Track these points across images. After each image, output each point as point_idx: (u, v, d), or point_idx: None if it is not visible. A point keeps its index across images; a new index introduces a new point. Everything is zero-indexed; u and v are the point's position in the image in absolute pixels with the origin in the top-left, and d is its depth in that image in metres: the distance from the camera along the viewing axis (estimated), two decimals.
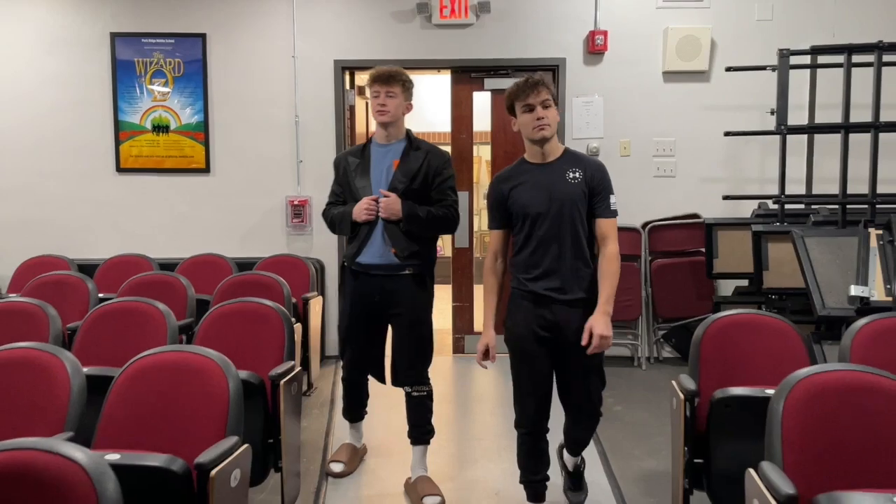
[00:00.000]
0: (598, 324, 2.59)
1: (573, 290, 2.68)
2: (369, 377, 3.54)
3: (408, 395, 3.29)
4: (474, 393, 4.95)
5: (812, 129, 4.29)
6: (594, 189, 2.69)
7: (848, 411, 2.06)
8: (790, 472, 1.99)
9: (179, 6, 5.49)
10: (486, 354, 2.81)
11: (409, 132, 3.27)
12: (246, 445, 2.31)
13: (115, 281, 4.70)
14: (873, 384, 2.11)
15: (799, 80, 4.78)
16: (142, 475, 1.99)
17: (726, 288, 5.31)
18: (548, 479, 2.87)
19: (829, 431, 2.05)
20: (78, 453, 1.61)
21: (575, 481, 3.12)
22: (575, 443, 2.97)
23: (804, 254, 3.81)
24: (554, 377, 2.79)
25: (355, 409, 3.57)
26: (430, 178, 3.17)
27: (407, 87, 3.21)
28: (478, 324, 5.79)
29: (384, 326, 3.34)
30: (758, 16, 5.36)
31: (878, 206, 3.90)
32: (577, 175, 2.68)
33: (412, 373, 3.26)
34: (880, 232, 3.73)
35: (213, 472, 2.06)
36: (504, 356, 2.85)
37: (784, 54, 4.13)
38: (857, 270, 3.69)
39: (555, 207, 2.67)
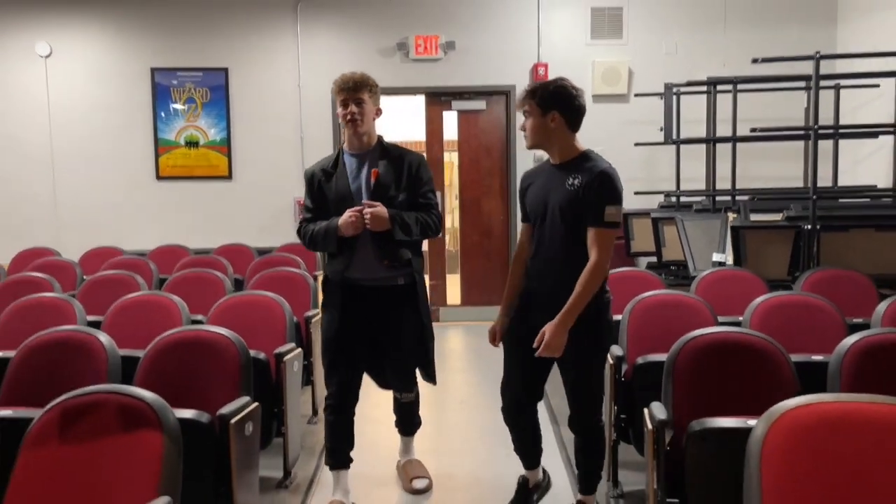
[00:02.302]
0: (549, 329, 2.51)
1: (561, 297, 2.55)
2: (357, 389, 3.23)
3: (396, 399, 3.35)
4: (448, 348, 6.34)
5: (691, 141, 5.71)
6: (586, 198, 2.56)
7: (659, 314, 3.48)
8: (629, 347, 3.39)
9: (207, 46, 6.85)
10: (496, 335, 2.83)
11: (380, 138, 3.11)
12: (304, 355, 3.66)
13: (164, 265, 5.99)
14: (681, 300, 3.55)
15: (701, 100, 6.23)
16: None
17: (642, 264, 6.73)
18: (541, 451, 2.95)
19: (650, 322, 3.46)
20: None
21: None
22: (583, 469, 2.81)
23: (683, 232, 5.23)
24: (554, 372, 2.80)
25: (340, 446, 3.10)
26: (411, 183, 3.05)
27: (374, 91, 3.02)
28: (451, 298, 7.20)
29: (377, 345, 3.12)
30: (665, 51, 6.83)
31: (736, 196, 5.32)
32: (575, 182, 2.58)
33: (402, 385, 3.26)
34: (736, 215, 5.17)
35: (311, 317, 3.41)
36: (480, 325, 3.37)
37: (668, 87, 5.57)
38: (718, 243, 5.13)
39: (549, 211, 2.63)
